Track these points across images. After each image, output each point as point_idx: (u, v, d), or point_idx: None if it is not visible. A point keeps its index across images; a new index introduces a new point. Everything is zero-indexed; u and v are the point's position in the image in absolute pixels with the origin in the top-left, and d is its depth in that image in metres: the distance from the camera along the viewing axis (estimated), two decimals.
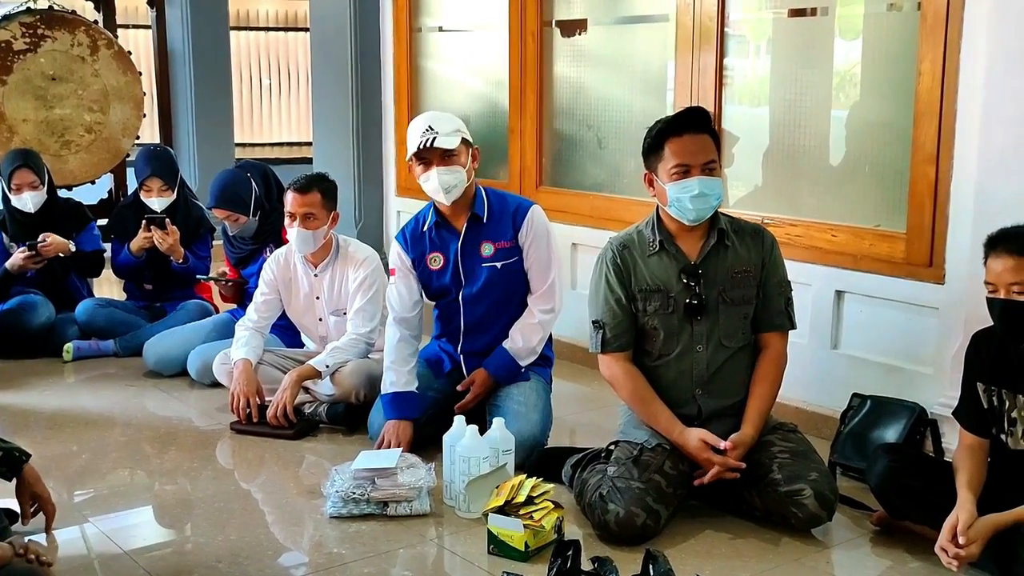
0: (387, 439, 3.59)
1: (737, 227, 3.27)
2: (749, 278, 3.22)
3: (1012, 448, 2.90)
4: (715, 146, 3.17)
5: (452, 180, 3.61)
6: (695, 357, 3.20)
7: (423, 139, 3.60)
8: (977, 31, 3.39)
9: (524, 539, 2.88)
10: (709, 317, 3.19)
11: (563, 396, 4.16)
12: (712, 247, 3.19)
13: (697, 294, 3.17)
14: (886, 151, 3.83)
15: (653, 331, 3.22)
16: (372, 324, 4.09)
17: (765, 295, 3.25)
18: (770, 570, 2.89)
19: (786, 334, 3.29)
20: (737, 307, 3.21)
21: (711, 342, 3.20)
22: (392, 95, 6.20)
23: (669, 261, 3.21)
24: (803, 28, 4.23)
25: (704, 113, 3.22)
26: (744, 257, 3.22)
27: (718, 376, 3.21)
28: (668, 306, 3.19)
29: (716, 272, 3.19)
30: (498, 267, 3.72)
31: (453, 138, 3.61)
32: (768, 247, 3.25)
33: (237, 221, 4.62)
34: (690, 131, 3.13)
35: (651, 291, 3.20)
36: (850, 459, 3.50)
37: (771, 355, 3.25)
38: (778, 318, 3.26)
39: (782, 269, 3.28)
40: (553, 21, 5.17)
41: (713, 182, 3.12)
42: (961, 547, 2.69)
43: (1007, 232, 2.78)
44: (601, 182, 5.02)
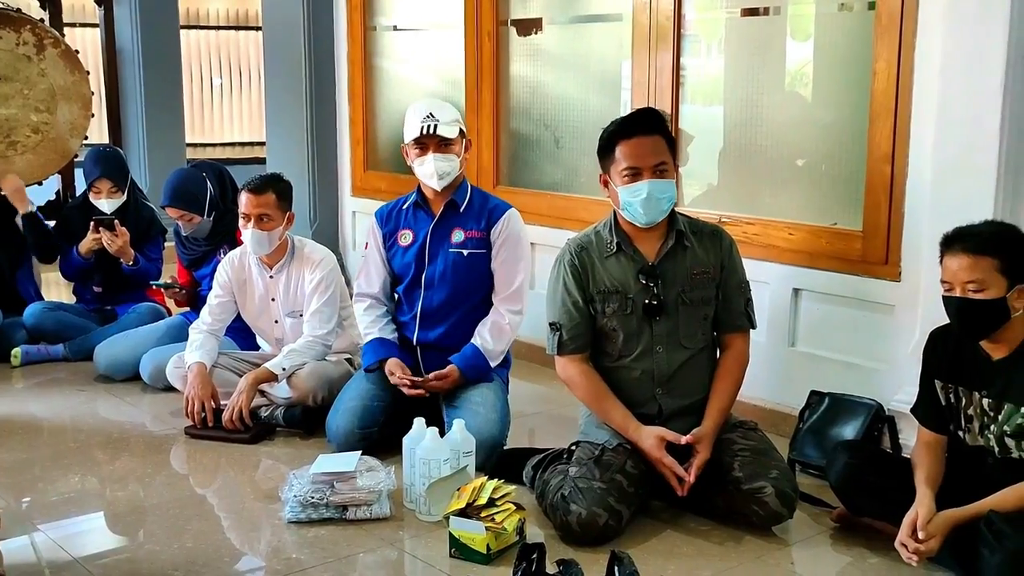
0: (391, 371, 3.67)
1: (696, 228, 3.27)
2: (708, 279, 3.22)
3: (969, 444, 2.92)
4: (668, 147, 3.15)
5: (447, 167, 3.70)
6: (655, 357, 3.19)
7: (425, 124, 3.66)
8: (931, 31, 3.41)
9: (486, 542, 2.86)
10: (668, 318, 3.18)
11: (522, 396, 4.15)
12: (670, 248, 3.19)
13: (656, 295, 3.16)
14: (842, 150, 3.85)
15: (612, 332, 3.21)
16: (329, 326, 4.04)
17: (725, 296, 3.25)
18: (732, 568, 2.89)
19: (747, 334, 3.30)
20: (696, 308, 3.21)
21: (671, 343, 3.20)
22: (346, 95, 6.15)
23: (627, 262, 3.20)
24: (756, 28, 4.25)
25: (656, 114, 3.21)
26: (703, 258, 3.22)
27: (678, 376, 3.21)
28: (627, 307, 3.18)
29: (675, 273, 3.19)
30: (464, 254, 3.75)
31: (452, 127, 3.70)
32: (727, 248, 3.26)
33: (191, 221, 4.54)
34: (641, 133, 3.12)
35: (609, 293, 3.19)
36: (809, 456, 3.52)
37: (733, 354, 3.27)
38: (739, 319, 3.27)
39: (741, 270, 3.29)
40: (509, 20, 5.15)
41: (664, 184, 3.11)
42: (921, 542, 2.71)
43: (962, 231, 2.80)
44: (558, 181, 5.01)
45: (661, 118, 3.21)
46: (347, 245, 6.23)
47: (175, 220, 4.59)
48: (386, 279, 3.91)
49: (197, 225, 4.56)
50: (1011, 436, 2.81)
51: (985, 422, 2.87)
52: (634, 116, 3.23)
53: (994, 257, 2.72)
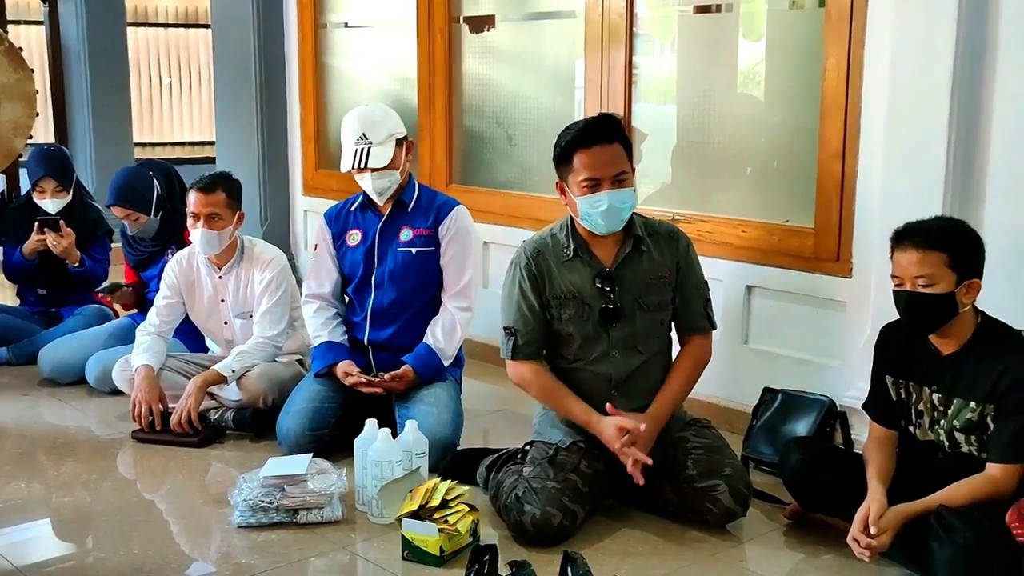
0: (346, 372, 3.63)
1: (652, 230, 3.23)
2: (665, 283, 3.19)
3: (920, 439, 2.94)
4: (627, 154, 3.10)
5: (385, 184, 3.70)
6: (611, 362, 3.18)
7: (358, 149, 3.62)
8: (881, 28, 3.43)
9: (439, 543, 2.83)
10: (625, 323, 3.16)
11: (475, 396, 4.13)
12: (628, 254, 3.16)
13: (613, 301, 3.14)
14: (794, 147, 3.87)
15: (569, 337, 3.19)
16: (279, 327, 3.99)
17: (683, 299, 3.23)
18: (686, 567, 2.88)
19: (709, 335, 3.28)
20: (653, 313, 3.19)
21: (627, 348, 3.18)
22: (297, 93, 6.09)
23: (584, 268, 3.17)
24: (709, 25, 4.26)
25: (614, 121, 3.15)
26: (659, 262, 3.19)
27: (633, 378, 3.20)
28: (584, 313, 3.16)
29: (632, 278, 3.16)
30: (413, 252, 3.73)
31: (387, 149, 3.65)
32: (683, 250, 3.23)
33: (137, 220, 4.46)
34: (600, 142, 3.06)
35: (566, 298, 3.17)
36: (762, 453, 3.53)
37: (692, 350, 3.25)
38: (698, 320, 3.25)
39: (698, 271, 3.27)
40: (461, 17, 5.12)
41: (624, 194, 3.07)
42: (873, 537, 2.72)
43: (913, 226, 2.82)
44: (512, 180, 4.99)
45: (619, 125, 3.16)
46: (298, 245, 6.16)
47: (121, 220, 4.50)
48: (336, 280, 3.88)
49: (144, 225, 4.48)
50: (960, 431, 2.84)
51: (935, 417, 2.88)
52: (591, 124, 3.14)
53: (943, 252, 2.74)
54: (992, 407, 2.77)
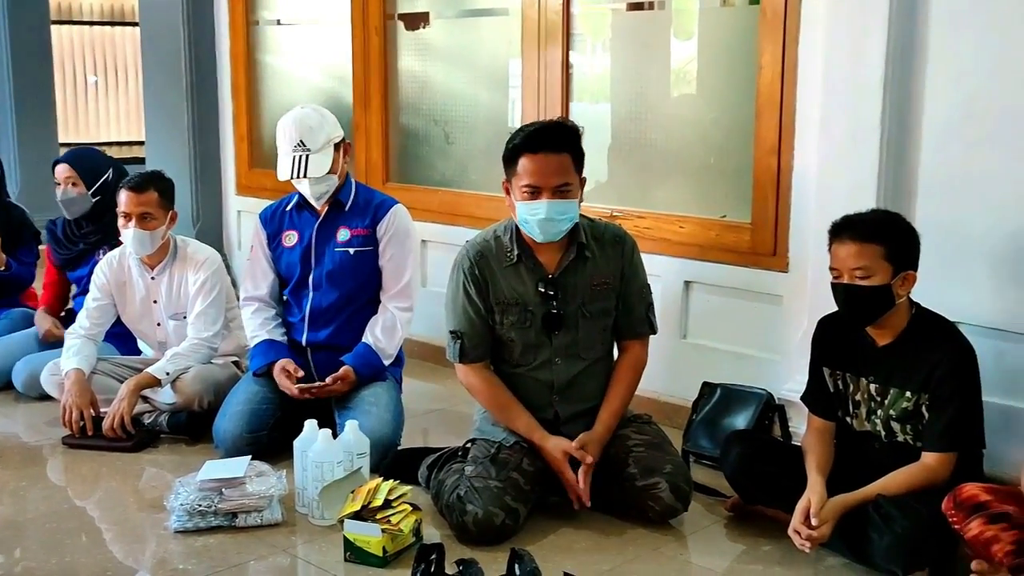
0: (283, 376, 3.59)
1: (598, 233, 3.20)
2: (608, 290, 3.18)
3: (857, 429, 2.99)
4: (575, 165, 3.04)
5: (323, 188, 3.67)
6: (553, 368, 3.17)
7: (295, 156, 3.57)
8: (815, 26, 3.47)
9: (382, 544, 2.80)
10: (568, 331, 3.15)
11: (414, 395, 4.10)
12: (571, 261, 3.14)
13: (555, 307, 3.12)
14: (730, 143, 3.90)
15: (511, 343, 3.18)
16: (215, 328, 3.92)
17: (626, 304, 3.21)
18: (629, 562, 2.89)
19: (647, 339, 3.28)
20: (596, 320, 3.18)
21: (569, 355, 3.17)
22: (229, 91, 6.00)
23: (527, 274, 3.14)
24: (642, 22, 4.28)
25: (564, 129, 3.07)
26: (603, 268, 3.17)
27: (575, 383, 3.19)
28: (526, 320, 3.14)
29: (575, 286, 3.14)
30: (351, 252, 3.70)
31: (325, 157, 3.60)
32: (628, 255, 3.20)
33: (75, 187, 4.37)
34: (547, 149, 3.00)
35: (509, 304, 3.14)
36: (703, 447, 3.55)
37: (630, 359, 3.25)
38: (640, 326, 3.25)
39: (642, 275, 3.25)
40: (396, 14, 5.08)
41: (565, 205, 3.02)
42: (813, 528, 2.75)
43: (850, 219, 2.86)
44: (450, 177, 4.97)
45: (570, 133, 3.06)
46: (232, 245, 6.07)
47: (60, 181, 4.37)
48: (273, 281, 3.83)
49: (77, 197, 4.38)
50: (897, 420, 2.88)
51: (872, 407, 2.93)
52: (542, 129, 3.08)
53: (880, 244, 2.78)
54: (927, 397, 2.82)
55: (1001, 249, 3.13)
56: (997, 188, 3.12)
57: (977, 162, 3.16)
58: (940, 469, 2.79)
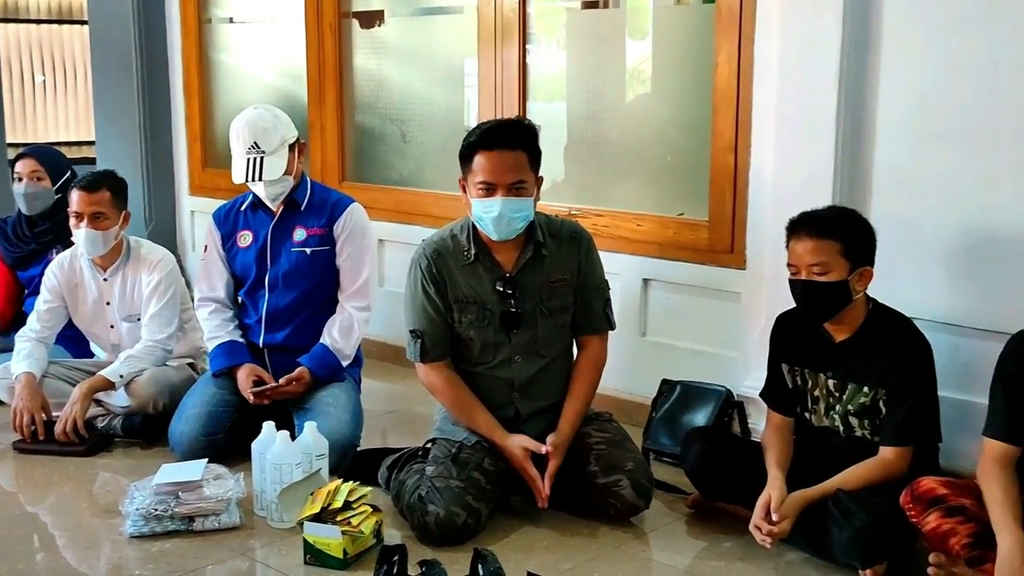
0: (250, 380, 3.55)
1: (555, 230, 3.19)
2: (566, 286, 3.17)
3: (816, 425, 3.00)
4: (531, 163, 3.03)
5: (278, 189, 3.65)
6: (513, 366, 3.16)
7: (250, 159, 3.54)
8: (770, 24, 3.49)
9: (343, 546, 2.77)
10: (527, 329, 3.14)
11: (373, 396, 4.07)
12: (528, 259, 3.13)
13: (513, 306, 3.11)
14: (687, 141, 3.92)
15: (469, 341, 3.16)
16: (169, 330, 3.86)
17: (583, 300, 3.21)
18: (592, 560, 2.88)
19: (606, 335, 3.28)
20: (555, 317, 3.17)
21: (528, 352, 3.16)
22: (182, 90, 5.92)
23: (484, 272, 3.13)
24: (597, 21, 4.28)
25: (520, 127, 3.07)
26: (561, 265, 3.16)
27: (536, 381, 3.19)
28: (484, 318, 3.13)
29: (533, 283, 3.14)
30: (307, 252, 3.67)
31: (280, 159, 3.57)
32: (584, 251, 3.19)
33: (40, 182, 4.30)
34: (503, 147, 2.99)
35: (467, 302, 3.13)
36: (663, 445, 3.56)
37: (590, 356, 3.24)
38: (597, 322, 3.24)
39: (599, 270, 3.24)
40: (351, 12, 5.04)
41: (518, 203, 3.01)
42: (774, 524, 2.77)
43: (808, 215, 2.88)
44: (406, 176, 4.94)
45: (525, 130, 3.06)
46: (186, 246, 5.99)
47: (21, 176, 4.30)
48: (229, 282, 3.78)
49: (40, 191, 4.30)
50: (854, 415, 2.91)
51: (830, 402, 2.95)
52: (498, 127, 3.07)
53: (837, 241, 2.81)
54: (884, 392, 2.85)
55: (955, 244, 3.17)
56: (950, 184, 3.15)
57: (931, 158, 3.19)
58: (898, 463, 2.82)
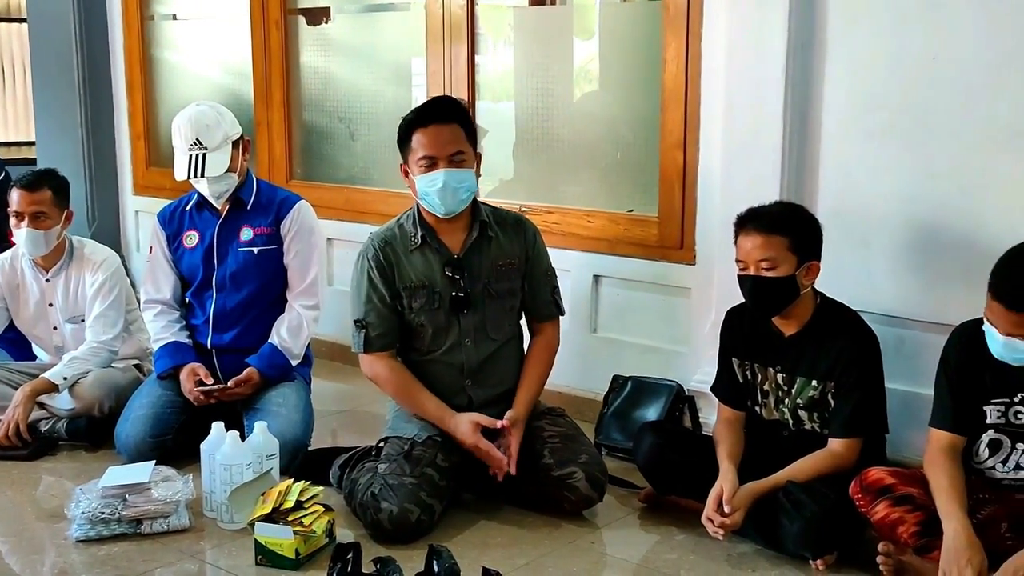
0: (191, 380, 3.51)
1: (500, 218, 3.24)
2: (513, 270, 3.20)
3: (766, 418, 3.04)
4: (467, 136, 3.09)
5: (222, 187, 3.61)
6: (464, 351, 3.16)
7: (192, 155, 3.50)
8: (717, 21, 3.51)
9: (294, 546, 2.74)
10: (475, 311, 3.15)
11: (323, 395, 4.04)
12: (475, 240, 3.15)
13: (462, 288, 3.12)
14: (636, 138, 3.93)
15: (421, 328, 3.16)
16: (114, 331, 3.80)
17: (531, 287, 3.24)
18: (546, 555, 2.88)
19: (557, 321, 3.31)
20: (503, 300, 3.19)
21: (478, 335, 3.17)
22: (124, 88, 5.82)
23: (432, 256, 3.14)
24: (544, 18, 4.28)
25: (452, 102, 3.16)
26: (508, 249, 3.19)
27: (487, 367, 3.19)
28: (434, 302, 3.13)
29: (480, 265, 3.15)
30: (255, 252, 3.63)
31: (223, 155, 3.54)
32: (531, 238, 3.24)
33: None
34: (437, 121, 3.05)
35: (416, 287, 3.13)
36: (615, 440, 3.57)
37: (542, 341, 3.28)
38: (546, 308, 3.28)
39: (546, 259, 3.29)
40: (297, 8, 5.00)
41: (461, 174, 3.05)
42: (726, 516, 2.79)
43: (756, 211, 2.91)
44: (355, 175, 4.91)
45: (458, 106, 3.16)
46: (130, 246, 5.90)
47: None
48: (175, 283, 3.73)
49: None
50: (804, 408, 2.94)
51: (780, 396, 2.98)
52: (430, 104, 3.17)
53: (785, 236, 2.84)
54: (832, 384, 2.88)
55: (899, 238, 3.22)
56: (895, 178, 3.20)
57: (875, 154, 3.23)
58: (847, 454, 2.86)
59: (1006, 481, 2.67)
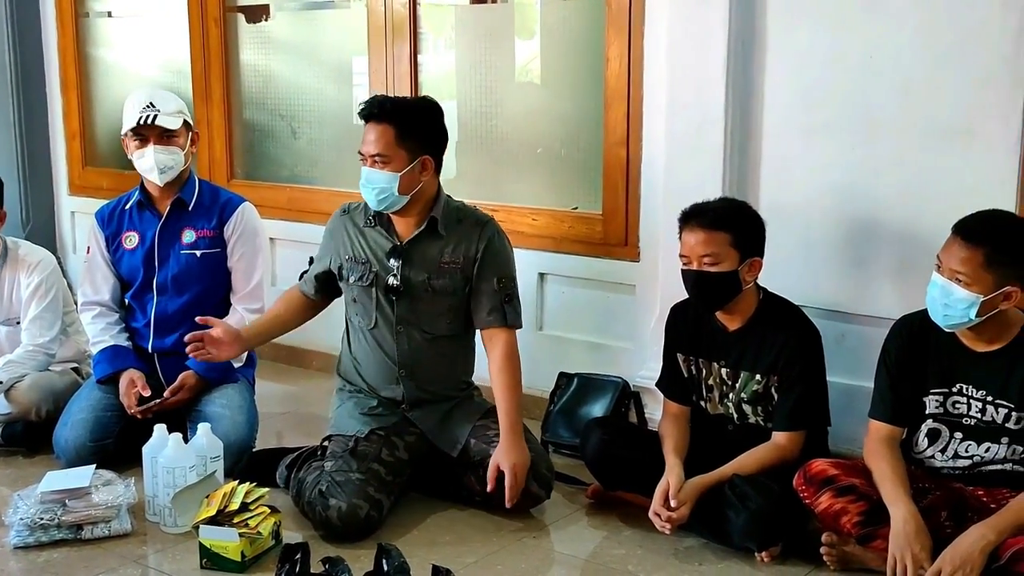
0: (129, 391, 3.45)
1: (462, 215, 3.18)
2: (456, 270, 3.14)
3: (711, 413, 3.06)
4: (398, 138, 3.00)
5: (169, 161, 3.51)
6: (396, 338, 3.15)
7: (143, 114, 3.45)
8: (659, 19, 3.53)
9: (240, 548, 2.71)
10: (409, 301, 3.14)
11: (268, 397, 3.99)
12: (422, 233, 3.13)
13: (396, 275, 3.12)
14: (580, 135, 3.94)
15: (353, 302, 3.21)
16: (51, 333, 3.72)
17: (475, 289, 3.16)
18: (494, 553, 2.88)
19: (509, 331, 3.15)
20: (440, 297, 3.16)
21: (411, 327, 3.16)
22: (58, 86, 5.70)
23: (380, 237, 3.16)
24: (487, 16, 4.28)
25: (384, 102, 3.07)
26: (455, 248, 3.14)
27: (421, 360, 3.17)
28: (367, 279, 3.15)
29: (423, 258, 3.14)
30: (198, 255, 3.58)
31: (175, 119, 3.51)
32: (485, 237, 3.14)
33: None
34: (372, 119, 3.05)
35: (356, 261, 3.17)
36: (562, 437, 3.58)
37: (497, 353, 3.13)
38: (491, 315, 3.13)
39: (501, 267, 3.15)
40: (236, 6, 4.93)
41: (374, 175, 3.02)
42: (673, 510, 2.81)
43: (699, 207, 2.93)
44: (297, 173, 4.86)
45: (391, 106, 3.06)
46: (66, 248, 5.78)
47: None
48: (114, 285, 3.67)
49: None
50: (748, 403, 2.97)
51: (724, 391, 3.01)
52: (375, 99, 3.11)
53: (727, 232, 2.87)
54: (775, 378, 2.92)
55: (840, 234, 3.27)
56: (835, 174, 3.25)
57: (815, 150, 3.28)
58: (790, 447, 2.89)
59: (945, 470, 2.72)
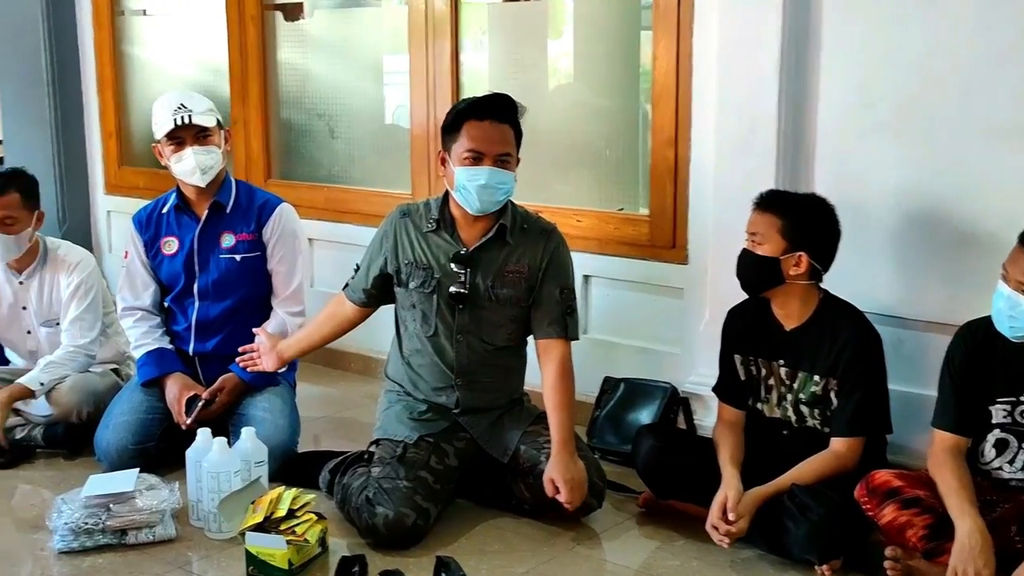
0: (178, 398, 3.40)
1: (528, 223, 3.13)
2: (521, 279, 3.08)
3: (768, 416, 2.99)
4: (515, 140, 3.02)
5: (208, 161, 3.45)
6: (456, 346, 3.08)
7: (178, 115, 3.39)
8: (709, 16, 3.45)
9: (287, 556, 2.65)
10: (472, 310, 3.07)
11: (308, 400, 3.95)
12: (489, 240, 3.06)
13: (463, 283, 3.04)
14: (626, 135, 3.88)
15: (412, 308, 3.11)
16: (92, 334, 3.69)
17: (538, 299, 3.09)
18: (546, 562, 2.82)
19: (566, 344, 3.09)
20: (503, 306, 3.09)
21: (471, 335, 3.09)
22: (95, 85, 5.68)
23: (443, 243, 3.08)
24: (525, 12, 4.24)
25: (510, 103, 3.05)
26: (521, 257, 3.08)
27: (479, 370, 3.11)
28: (429, 285, 3.06)
29: (489, 265, 3.06)
30: (237, 259, 3.53)
31: (209, 117, 3.46)
32: (552, 247, 3.10)
33: None
34: (493, 118, 2.98)
35: (416, 267, 3.08)
36: (609, 443, 3.52)
37: (553, 368, 3.05)
38: (552, 326, 3.07)
39: (563, 276, 3.11)
40: (274, 3, 4.89)
41: (504, 175, 2.97)
42: (731, 523, 2.74)
43: (773, 191, 2.99)
44: (335, 173, 4.81)
45: (515, 108, 3.05)
46: (102, 247, 5.76)
47: None
48: (155, 290, 3.62)
49: None
50: (806, 404, 2.90)
51: (782, 392, 2.94)
52: (488, 99, 3.05)
53: (777, 216, 2.85)
54: (835, 381, 2.84)
55: (897, 236, 3.18)
56: (892, 175, 3.16)
57: (871, 150, 3.19)
58: (849, 455, 2.82)
59: (1013, 482, 2.64)
